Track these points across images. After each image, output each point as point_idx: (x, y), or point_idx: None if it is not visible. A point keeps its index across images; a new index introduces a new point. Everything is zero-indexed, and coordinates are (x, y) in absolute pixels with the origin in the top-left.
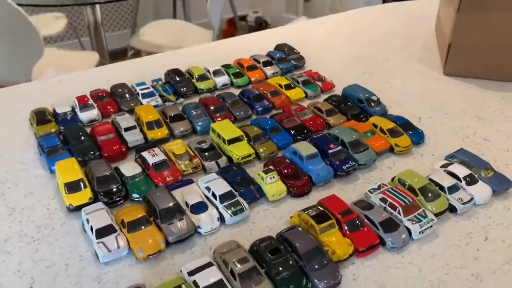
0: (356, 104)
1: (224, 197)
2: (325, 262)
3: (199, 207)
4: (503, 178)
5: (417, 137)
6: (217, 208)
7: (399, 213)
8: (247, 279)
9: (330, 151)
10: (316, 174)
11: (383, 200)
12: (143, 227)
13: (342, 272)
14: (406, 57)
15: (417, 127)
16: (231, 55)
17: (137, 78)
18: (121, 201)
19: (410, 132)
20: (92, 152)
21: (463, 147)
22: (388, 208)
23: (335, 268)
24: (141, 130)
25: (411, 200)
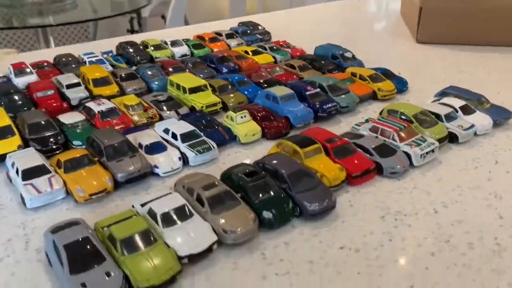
0: (331, 61)
1: (186, 137)
2: (314, 184)
3: (155, 148)
4: (501, 108)
5: (401, 84)
6: (178, 149)
7: (394, 139)
8: (218, 204)
9: (307, 93)
10: (294, 115)
11: (373, 129)
12: (84, 167)
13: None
14: (378, 34)
15: (399, 76)
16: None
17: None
18: (60, 150)
19: (393, 80)
20: (26, 109)
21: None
22: (381, 137)
23: (326, 190)
24: (87, 89)
25: (405, 125)
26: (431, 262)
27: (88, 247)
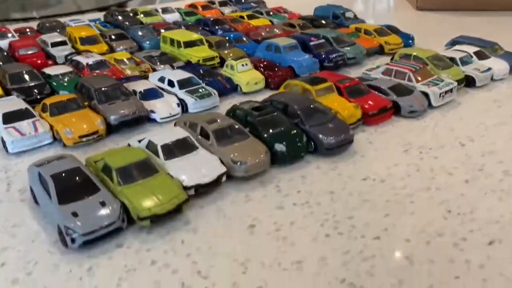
0: (332, 20)
1: (184, 83)
2: (328, 118)
3: (150, 94)
4: None
5: (407, 38)
6: (176, 96)
7: (409, 80)
8: (225, 137)
9: (312, 43)
10: (299, 64)
11: (387, 72)
12: (72, 111)
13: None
14: (378, 1)
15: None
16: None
17: None
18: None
19: (398, 34)
20: None
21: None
22: (395, 80)
23: (342, 124)
24: (74, 48)
25: (421, 66)
26: (466, 189)
27: (79, 177)
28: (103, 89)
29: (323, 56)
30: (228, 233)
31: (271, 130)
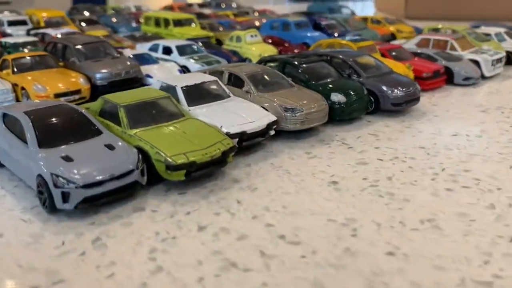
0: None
1: (184, 50)
2: (387, 70)
3: (143, 60)
4: None
5: (416, 29)
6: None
7: (452, 48)
8: (264, 84)
9: (323, 23)
10: (314, 41)
11: (422, 43)
12: (43, 68)
13: None
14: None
15: None
16: None
17: None
18: None
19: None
20: None
21: None
22: (432, 51)
23: (405, 77)
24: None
25: (461, 35)
26: None
27: (67, 115)
28: (85, 44)
29: (337, 36)
30: (304, 191)
31: (323, 79)
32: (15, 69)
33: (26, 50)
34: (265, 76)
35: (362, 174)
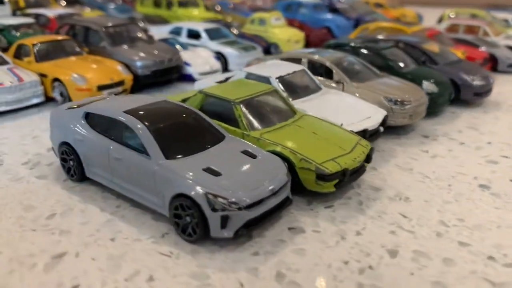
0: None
1: (213, 34)
2: (457, 58)
3: (170, 44)
4: None
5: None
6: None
7: (485, 34)
8: (353, 72)
9: (340, 6)
10: (335, 24)
11: (452, 28)
12: (70, 56)
13: None
14: None
15: None
16: None
17: None
18: None
19: None
20: None
21: None
22: (470, 37)
23: (475, 65)
24: (18, 10)
25: (488, 20)
26: None
27: (178, 117)
28: (115, 27)
29: (356, 18)
30: (462, 198)
31: (406, 66)
32: (38, 56)
33: (30, 30)
34: (352, 65)
35: (506, 175)
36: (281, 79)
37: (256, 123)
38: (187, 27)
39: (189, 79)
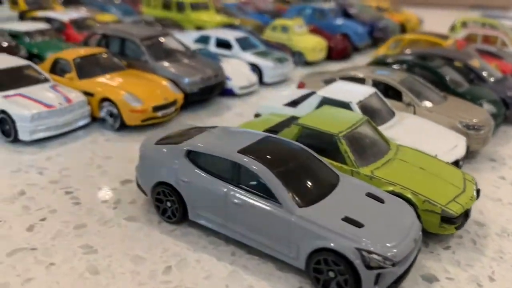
0: None
1: (244, 44)
2: (499, 74)
3: (209, 55)
4: None
5: None
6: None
7: (503, 44)
8: (420, 94)
9: (352, 12)
10: (354, 31)
11: (470, 37)
12: (113, 71)
13: None
14: None
15: None
16: None
17: None
18: None
19: None
20: None
21: None
22: (487, 48)
23: None
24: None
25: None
26: None
27: (300, 158)
28: (152, 38)
29: (370, 24)
30: None
31: (460, 85)
32: (80, 72)
33: (45, 36)
34: (416, 85)
35: None
36: (361, 104)
37: (362, 158)
38: (215, 36)
39: (229, 93)
